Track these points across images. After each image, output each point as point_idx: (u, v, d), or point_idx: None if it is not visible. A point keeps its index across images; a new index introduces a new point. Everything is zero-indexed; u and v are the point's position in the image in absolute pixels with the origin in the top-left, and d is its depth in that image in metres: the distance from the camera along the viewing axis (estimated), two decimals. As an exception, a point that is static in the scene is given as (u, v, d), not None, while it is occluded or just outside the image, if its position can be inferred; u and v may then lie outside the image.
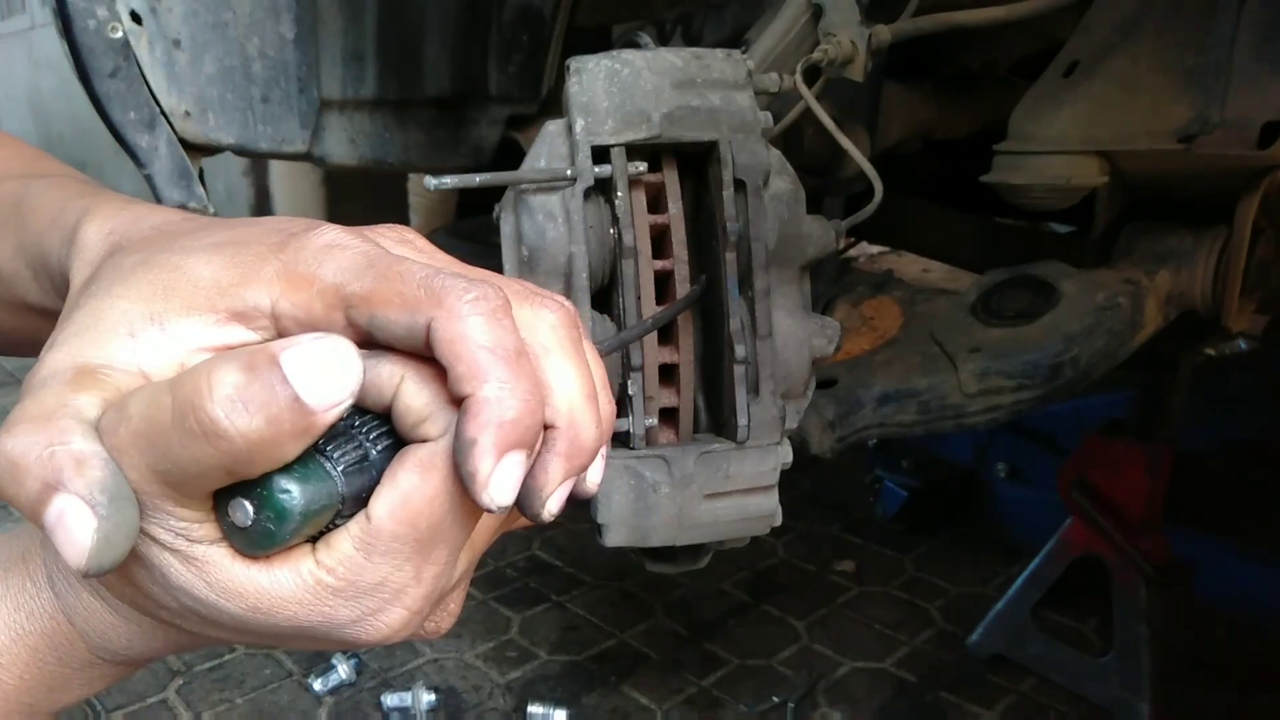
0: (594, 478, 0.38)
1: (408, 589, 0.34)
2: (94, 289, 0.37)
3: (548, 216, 0.73)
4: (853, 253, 2.72)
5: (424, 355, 0.33)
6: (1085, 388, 1.06)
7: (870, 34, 0.92)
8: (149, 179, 1.10)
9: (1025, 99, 1.07)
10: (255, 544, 0.33)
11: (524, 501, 0.34)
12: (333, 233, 0.36)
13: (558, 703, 1.44)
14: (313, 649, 0.37)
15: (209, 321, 0.35)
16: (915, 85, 1.39)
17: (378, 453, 0.34)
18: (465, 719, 1.46)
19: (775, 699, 1.50)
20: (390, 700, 1.45)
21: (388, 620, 0.34)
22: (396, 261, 0.33)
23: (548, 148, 0.75)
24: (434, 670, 1.58)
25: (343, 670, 1.51)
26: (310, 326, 0.34)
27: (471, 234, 3.05)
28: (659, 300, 0.75)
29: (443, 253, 0.38)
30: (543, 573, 1.88)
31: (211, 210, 1.13)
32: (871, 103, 1.28)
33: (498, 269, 0.72)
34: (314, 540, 0.34)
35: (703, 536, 0.78)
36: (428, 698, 1.45)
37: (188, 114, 1.12)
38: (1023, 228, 1.67)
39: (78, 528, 0.30)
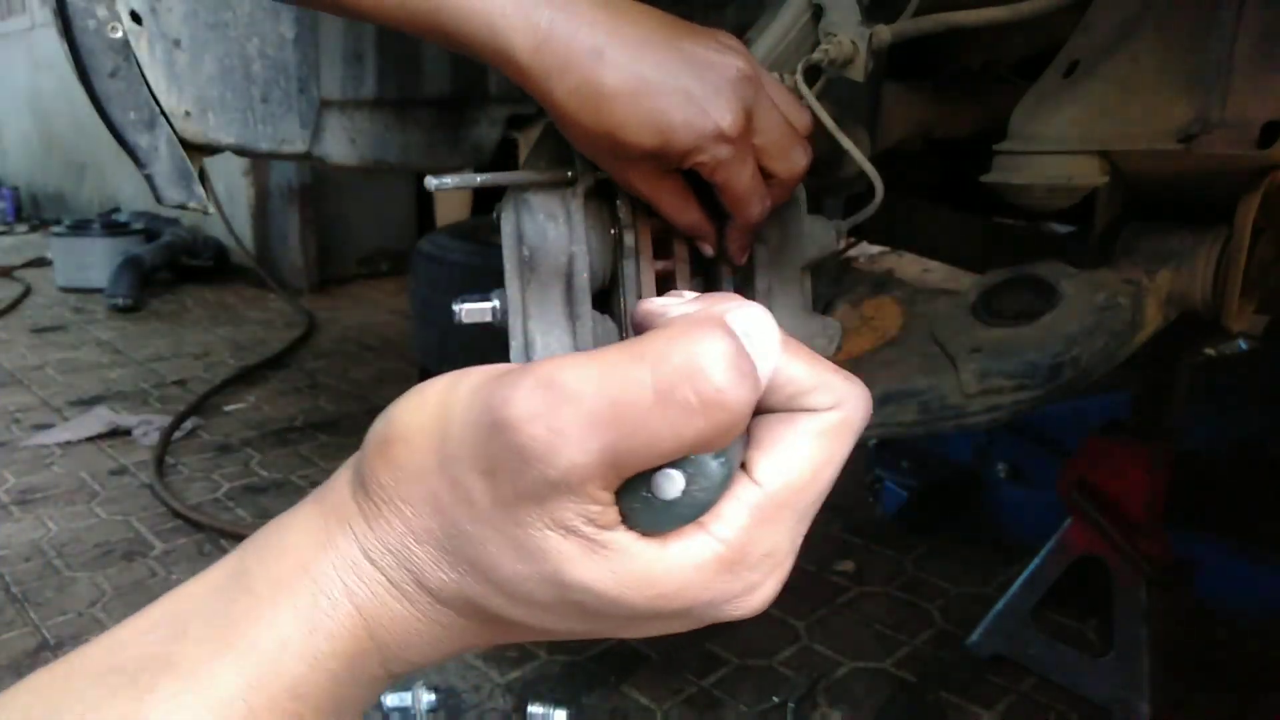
0: None
1: (788, 557, 0.34)
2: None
3: (548, 216, 0.73)
4: (853, 253, 2.72)
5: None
6: (1085, 388, 1.06)
7: (870, 34, 0.91)
8: (149, 179, 1.10)
9: (1025, 99, 1.07)
10: (675, 518, 0.32)
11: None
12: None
13: (558, 703, 1.44)
14: (673, 632, 0.37)
15: None
16: (915, 85, 1.39)
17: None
18: (465, 719, 1.46)
19: (775, 699, 1.50)
20: (390, 700, 1.45)
21: (765, 593, 0.34)
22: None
23: (548, 148, 0.75)
24: (434, 670, 1.58)
25: (343, 670, 1.51)
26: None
27: (471, 234, 3.06)
28: (659, 300, 0.75)
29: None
30: (543, 573, 1.88)
31: (211, 210, 1.13)
32: (871, 103, 1.28)
33: (498, 268, 0.72)
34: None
35: (703, 536, 0.78)
36: (428, 697, 1.45)
37: (188, 114, 1.12)
38: (1023, 228, 1.67)
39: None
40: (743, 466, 0.33)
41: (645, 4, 0.62)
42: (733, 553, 0.32)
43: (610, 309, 0.76)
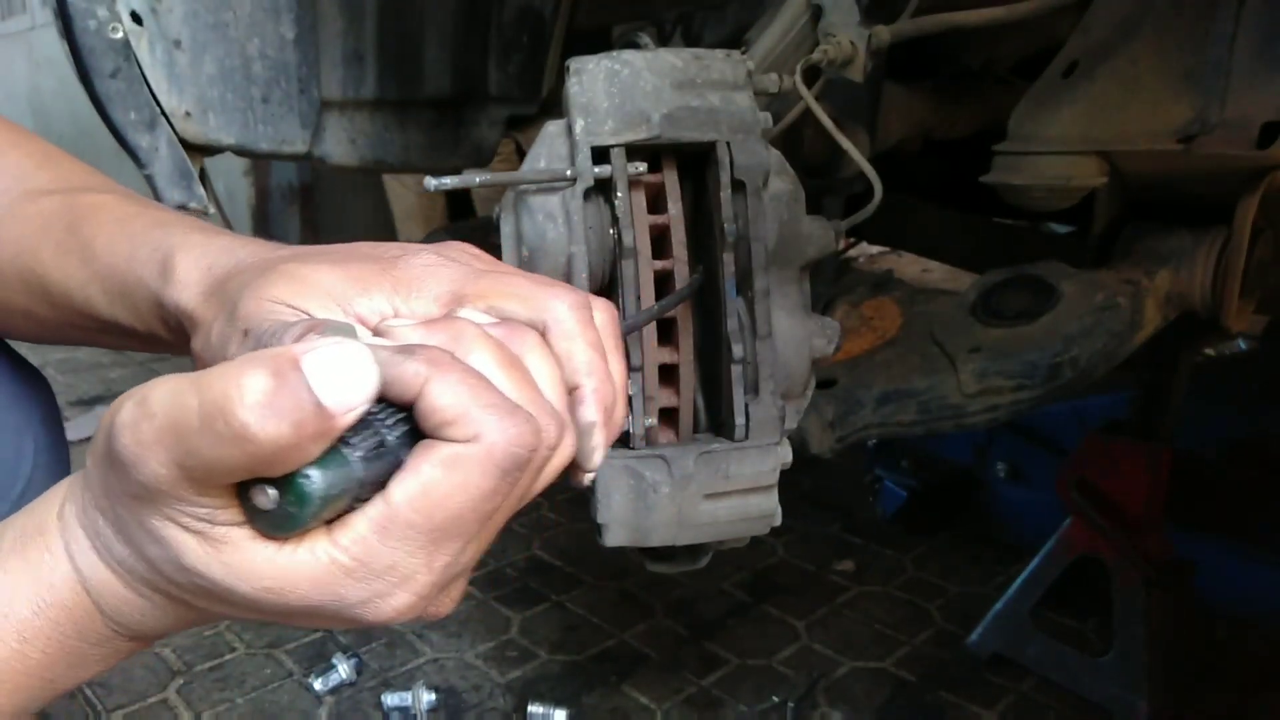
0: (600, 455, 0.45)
1: (417, 575, 0.35)
2: (238, 292, 0.42)
3: (548, 217, 0.73)
4: (853, 253, 2.72)
5: (449, 358, 0.36)
6: (1085, 388, 1.06)
7: (870, 34, 0.92)
8: (149, 179, 1.10)
9: (1025, 99, 1.07)
10: (277, 526, 0.34)
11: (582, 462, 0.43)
12: (430, 254, 0.43)
13: (558, 703, 1.44)
14: (316, 626, 0.40)
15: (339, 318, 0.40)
16: (915, 85, 1.39)
17: (394, 439, 0.35)
18: (465, 719, 1.47)
19: (775, 699, 1.50)
20: (390, 700, 1.45)
21: (394, 604, 0.36)
22: (505, 269, 0.42)
23: (548, 148, 0.75)
24: (434, 670, 1.58)
25: (343, 670, 1.51)
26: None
27: (471, 234, 3.06)
28: (659, 300, 0.75)
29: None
30: (543, 573, 1.88)
31: (211, 210, 1.13)
32: (871, 103, 1.28)
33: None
34: (329, 523, 0.35)
35: (702, 536, 0.78)
36: (428, 697, 1.45)
37: (188, 114, 1.12)
38: (1023, 228, 1.67)
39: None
40: (384, 483, 0.35)
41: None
42: (351, 560, 0.34)
43: (610, 309, 0.76)
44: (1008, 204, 1.10)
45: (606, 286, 0.76)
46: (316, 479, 0.33)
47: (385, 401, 0.35)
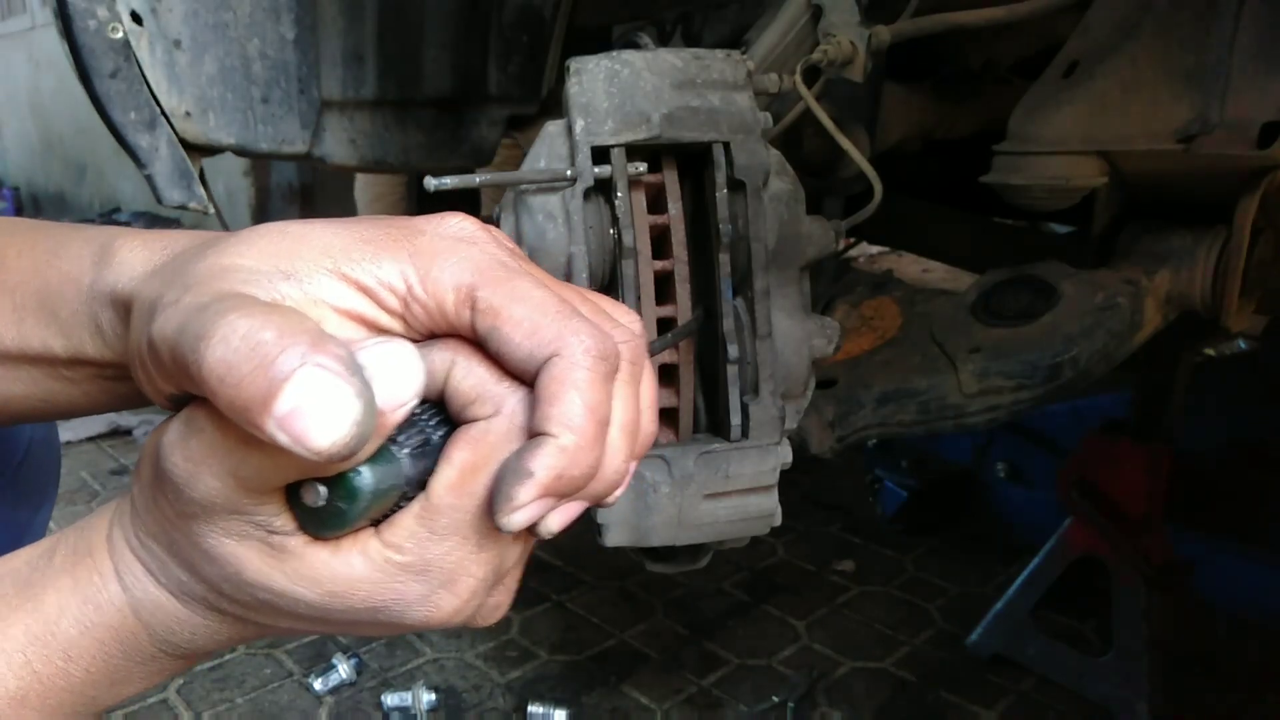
0: (614, 496, 0.38)
1: (469, 562, 0.35)
2: (196, 254, 0.35)
3: (548, 217, 0.73)
4: (853, 253, 2.72)
5: (470, 344, 0.35)
6: (1085, 388, 1.06)
7: (870, 34, 0.92)
8: (149, 179, 1.10)
9: (1025, 99, 1.07)
10: (326, 524, 0.34)
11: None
12: (459, 226, 0.37)
13: (558, 703, 1.44)
14: (381, 634, 0.39)
15: (340, 285, 0.34)
16: (915, 85, 1.39)
17: (438, 438, 0.36)
18: (465, 719, 1.46)
19: (775, 699, 1.50)
20: (390, 700, 1.45)
21: (456, 593, 0.36)
22: (531, 283, 0.35)
23: (548, 148, 0.75)
24: (434, 670, 1.58)
25: (343, 670, 1.51)
26: (439, 317, 0.35)
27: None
28: (659, 300, 0.75)
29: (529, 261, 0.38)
30: (543, 573, 1.88)
31: (211, 211, 1.13)
32: (871, 103, 1.28)
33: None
34: (376, 524, 0.35)
35: (703, 536, 0.78)
36: (428, 697, 1.45)
37: (188, 114, 1.12)
38: (1023, 228, 1.67)
39: (338, 402, 0.28)
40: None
41: None
42: (405, 556, 0.34)
43: (610, 309, 0.76)
44: (1008, 204, 1.10)
45: (607, 286, 0.76)
46: (366, 474, 0.33)
47: (428, 402, 0.36)
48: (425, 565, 0.35)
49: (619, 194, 0.72)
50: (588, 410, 0.33)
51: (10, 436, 0.76)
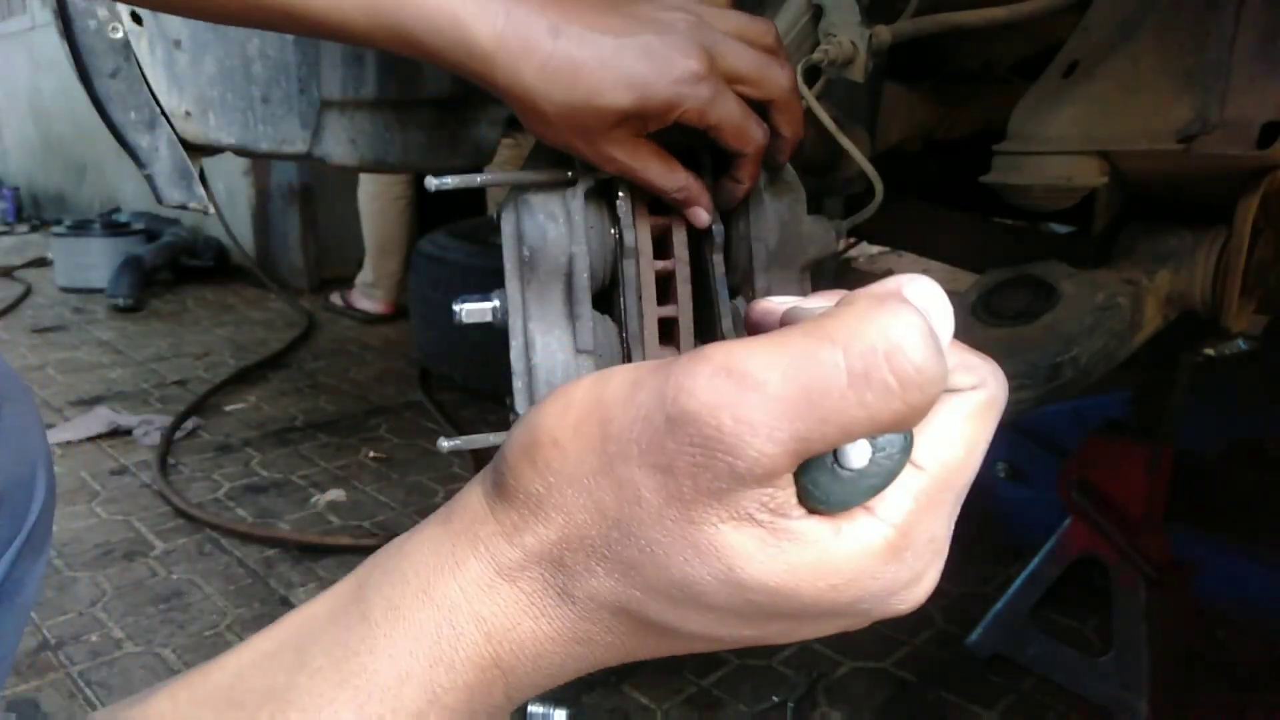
0: None
1: (945, 544, 0.33)
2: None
3: (548, 216, 0.73)
4: (853, 253, 2.72)
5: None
6: (1085, 388, 1.06)
7: (870, 34, 0.92)
8: (149, 179, 1.10)
9: (1025, 99, 1.07)
10: (860, 491, 0.30)
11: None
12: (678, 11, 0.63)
13: (558, 702, 1.44)
14: (829, 633, 0.34)
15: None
16: (915, 85, 1.39)
17: None
18: (465, 719, 1.47)
19: (775, 699, 1.50)
20: (390, 700, 1.45)
21: (929, 582, 0.34)
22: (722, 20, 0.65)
23: (548, 148, 0.75)
24: (434, 670, 1.58)
25: (343, 670, 1.51)
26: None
27: (471, 233, 3.06)
28: (660, 301, 0.75)
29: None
30: (543, 573, 1.88)
31: (211, 211, 1.13)
32: (871, 103, 1.28)
33: (499, 268, 0.72)
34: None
35: (703, 536, 0.78)
36: (428, 698, 1.45)
37: (188, 114, 1.12)
38: (1023, 228, 1.67)
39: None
40: None
41: None
42: (900, 538, 0.31)
43: (610, 309, 0.76)
44: (1008, 204, 1.10)
45: (607, 286, 0.76)
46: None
47: None
48: (916, 547, 0.32)
49: (620, 194, 0.72)
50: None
51: (25, 498, 0.76)
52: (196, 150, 1.14)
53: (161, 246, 4.73)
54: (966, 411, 0.32)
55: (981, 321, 1.10)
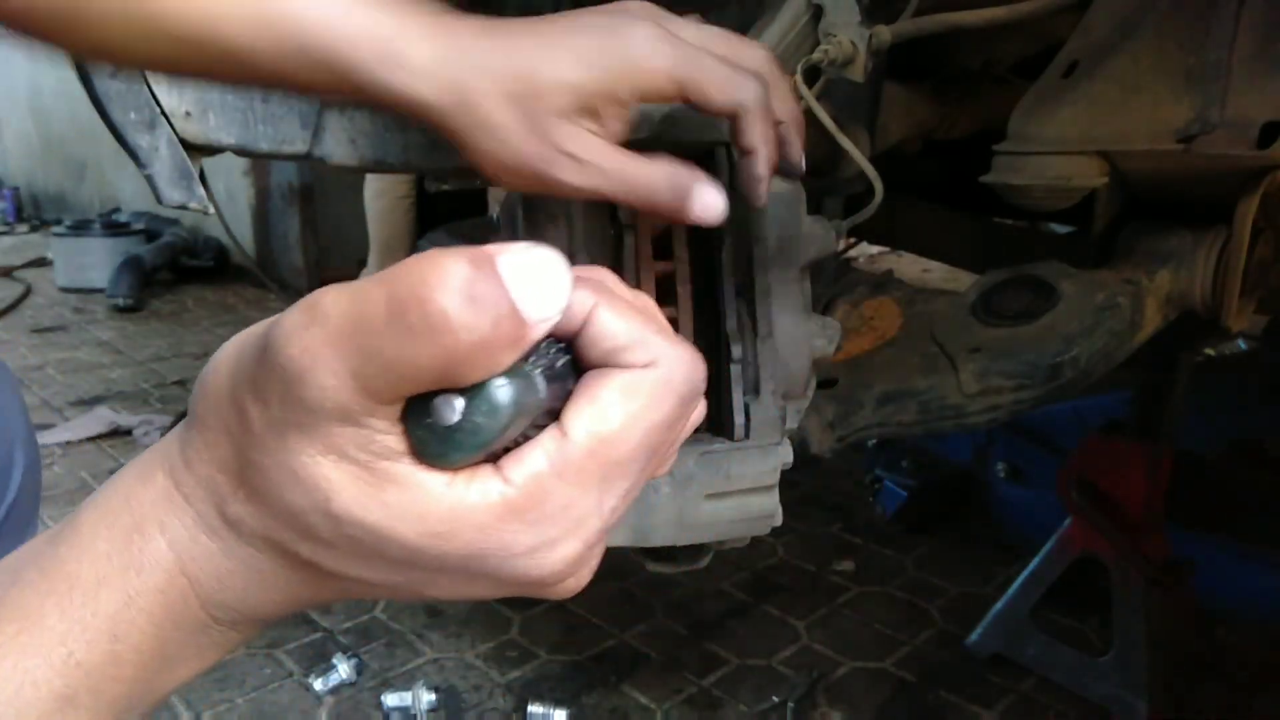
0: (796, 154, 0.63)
1: (589, 519, 0.33)
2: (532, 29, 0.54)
3: (548, 217, 0.73)
4: (853, 253, 2.72)
5: (610, 284, 0.35)
6: (1085, 388, 1.06)
7: (870, 34, 0.92)
8: (149, 179, 1.10)
9: (1025, 99, 1.07)
10: (455, 447, 0.30)
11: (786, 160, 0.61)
12: (647, 26, 0.56)
13: (558, 702, 1.44)
14: (462, 596, 0.34)
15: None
16: (915, 85, 1.39)
17: (561, 366, 0.33)
18: (465, 719, 1.46)
19: (775, 699, 1.50)
20: (390, 700, 1.45)
21: (563, 553, 0.33)
22: (693, 38, 0.58)
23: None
24: (434, 670, 1.58)
25: (343, 670, 1.51)
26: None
27: (471, 234, 3.06)
28: (660, 301, 0.75)
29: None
30: (543, 573, 1.88)
31: (212, 211, 1.13)
32: (871, 103, 1.28)
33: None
34: (494, 460, 0.32)
35: (703, 536, 0.78)
36: (428, 697, 1.45)
37: (188, 114, 1.12)
38: (1023, 228, 1.67)
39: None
40: (559, 418, 0.32)
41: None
42: (524, 498, 0.31)
43: (610, 309, 0.76)
44: (1008, 204, 1.10)
45: (607, 286, 0.76)
46: (507, 387, 0.30)
47: (550, 335, 0.33)
48: (542, 514, 0.32)
49: (619, 194, 0.72)
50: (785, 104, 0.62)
51: (2, 477, 0.75)
52: (196, 150, 1.14)
53: (161, 246, 4.73)
54: (625, 386, 0.32)
55: (981, 321, 1.10)
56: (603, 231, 0.74)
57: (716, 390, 0.77)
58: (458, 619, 1.72)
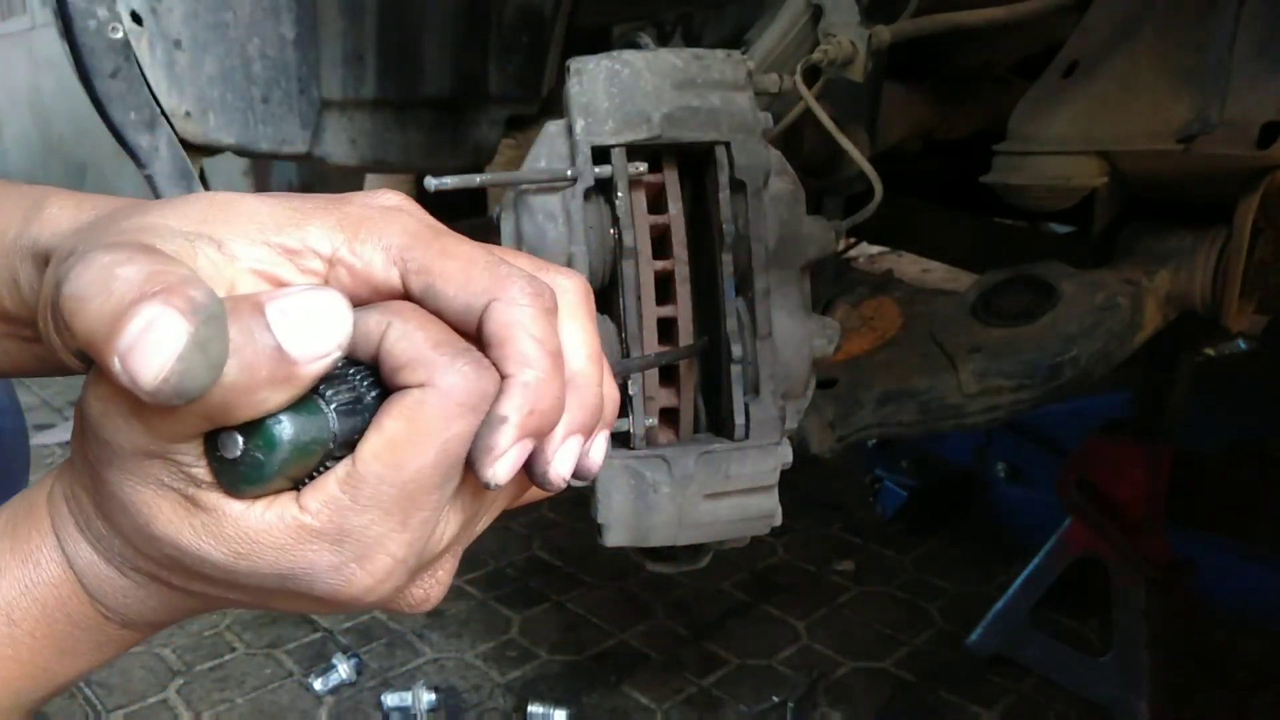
0: (597, 455, 0.39)
1: (391, 536, 0.34)
2: (123, 215, 0.34)
3: (548, 217, 0.73)
4: (853, 253, 2.72)
5: (410, 306, 0.34)
6: (1085, 388, 1.06)
7: (870, 34, 0.92)
8: (149, 179, 1.10)
9: (1025, 99, 1.07)
10: (244, 478, 0.32)
11: (533, 467, 0.36)
12: (394, 197, 0.38)
13: (558, 703, 1.44)
14: (295, 609, 0.36)
15: (262, 248, 0.34)
16: (915, 85, 1.39)
17: (371, 399, 0.34)
18: (465, 719, 1.47)
19: (775, 699, 1.50)
20: (390, 700, 1.45)
21: (371, 569, 0.34)
22: (458, 241, 0.36)
23: (548, 148, 0.75)
24: (434, 670, 1.58)
25: (343, 670, 1.51)
26: (367, 279, 0.35)
27: (470, 234, 3.06)
28: (660, 301, 0.75)
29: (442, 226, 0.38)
30: (543, 573, 1.88)
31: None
32: (871, 103, 1.28)
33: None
34: (299, 487, 0.34)
35: (703, 536, 0.78)
36: (428, 697, 1.45)
37: (188, 114, 1.12)
38: (1023, 228, 1.67)
39: (168, 337, 0.27)
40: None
41: None
42: (321, 522, 0.33)
43: (610, 309, 0.76)
44: (1008, 204, 1.10)
45: (607, 286, 0.76)
46: (286, 424, 0.31)
47: (363, 364, 0.34)
48: (340, 534, 0.33)
49: (619, 194, 0.72)
50: (538, 343, 0.34)
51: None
52: (196, 150, 1.14)
53: (161, 246, 4.73)
54: (406, 409, 0.33)
55: (981, 321, 1.10)
56: (602, 230, 0.74)
57: (717, 390, 0.77)
58: (458, 619, 1.72)
